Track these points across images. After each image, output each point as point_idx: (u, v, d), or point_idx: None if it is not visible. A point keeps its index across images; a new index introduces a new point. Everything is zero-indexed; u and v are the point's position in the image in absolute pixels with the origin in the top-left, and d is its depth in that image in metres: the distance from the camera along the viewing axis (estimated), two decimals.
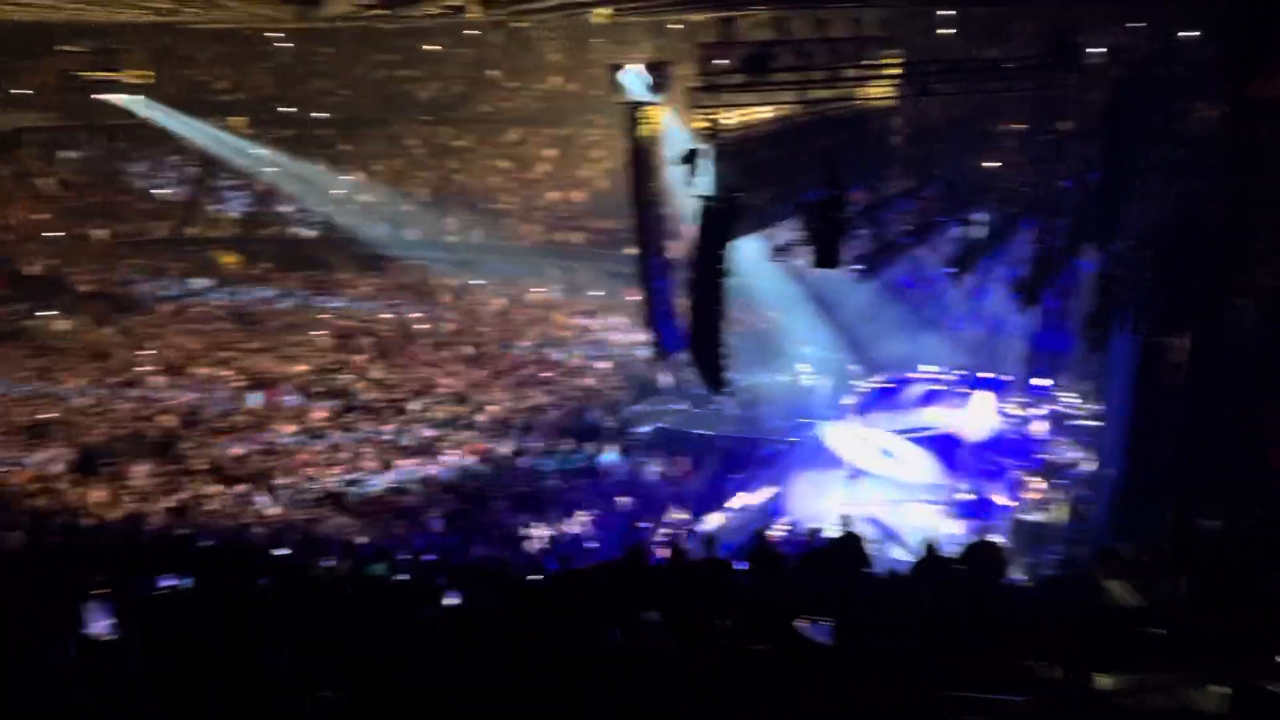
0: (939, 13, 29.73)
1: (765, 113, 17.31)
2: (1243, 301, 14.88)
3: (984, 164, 21.91)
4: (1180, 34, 21.29)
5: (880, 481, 23.15)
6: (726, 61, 16.36)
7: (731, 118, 16.35)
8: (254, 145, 43.11)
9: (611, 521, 20.84)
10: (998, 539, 13.11)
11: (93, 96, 35.37)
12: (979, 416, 25.99)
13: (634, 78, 18.43)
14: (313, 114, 45.29)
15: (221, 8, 26.51)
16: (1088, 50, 19.57)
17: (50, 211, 40.86)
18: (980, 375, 27.11)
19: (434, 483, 22.13)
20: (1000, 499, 21.84)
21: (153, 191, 42.51)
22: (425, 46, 45.77)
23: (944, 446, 25.19)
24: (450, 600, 10.48)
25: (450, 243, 40.49)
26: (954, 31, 30.49)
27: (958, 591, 9.46)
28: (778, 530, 18.32)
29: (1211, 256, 15.68)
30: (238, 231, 42.04)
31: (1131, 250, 17.62)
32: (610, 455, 24.05)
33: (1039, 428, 20.06)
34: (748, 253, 16.52)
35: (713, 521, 21.26)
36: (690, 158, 15.35)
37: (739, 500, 22.85)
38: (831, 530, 11.01)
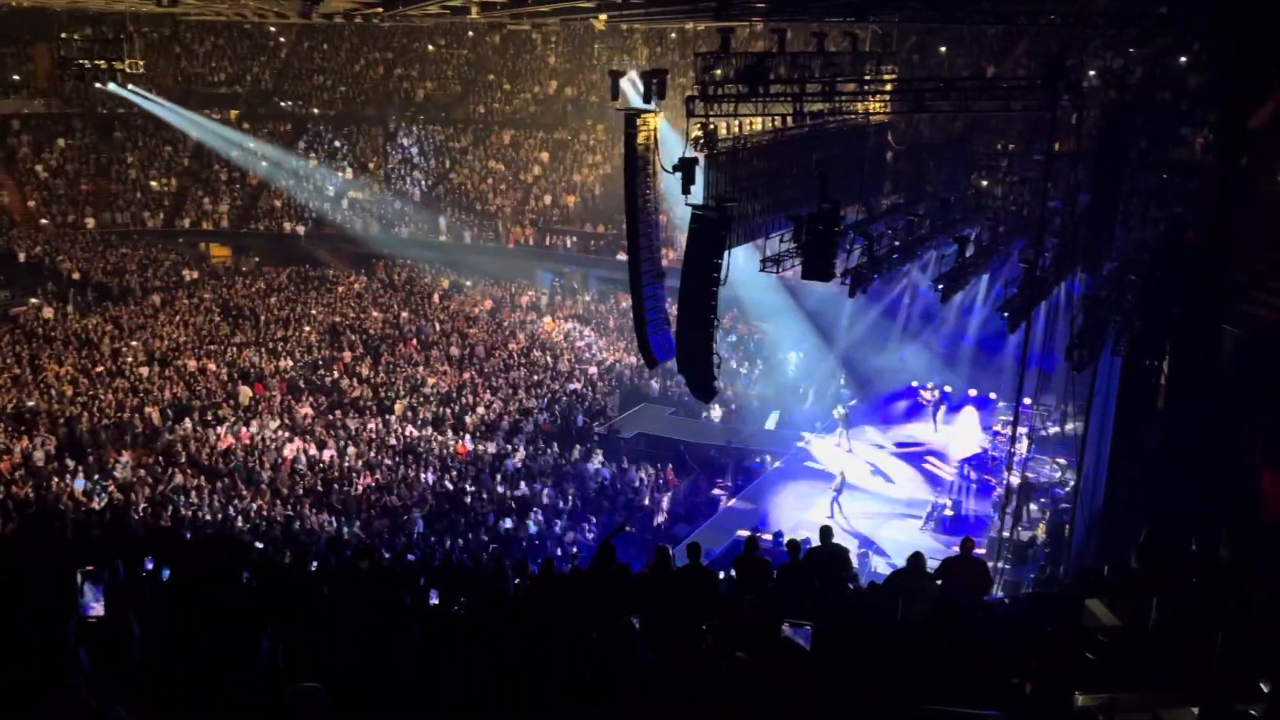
0: (935, 31, 30.03)
1: (760, 124, 17.41)
2: (1229, 329, 14.98)
3: (975, 182, 22.00)
4: (1172, 60, 21.50)
5: (864, 495, 23.34)
6: (723, 72, 16.44)
7: (727, 128, 16.45)
8: (249, 139, 43.16)
9: (594, 526, 20.90)
10: (979, 555, 13.16)
11: (87, 85, 35.06)
12: (964, 433, 26.25)
13: (631, 85, 18.53)
14: (309, 110, 45.43)
15: (222, 0, 26.51)
16: (1081, 73, 19.75)
17: (41, 199, 40.76)
18: (966, 392, 27.37)
19: (417, 483, 22.12)
20: (983, 515, 22.05)
21: (146, 182, 42.40)
22: (424, 46, 45.99)
23: (928, 462, 25.45)
24: (432, 600, 10.53)
25: (441, 243, 40.60)
26: (949, 50, 30.82)
27: (938, 606, 9.52)
28: (761, 539, 18.39)
29: (1195, 282, 15.81)
30: (229, 225, 41.99)
31: (1117, 273, 17.72)
32: (595, 460, 24.09)
33: (1022, 446, 20.21)
34: (739, 263, 16.55)
35: (697, 529, 21.37)
36: (685, 166, 15.42)
37: (723, 509, 22.97)
38: (815, 541, 11.02)
